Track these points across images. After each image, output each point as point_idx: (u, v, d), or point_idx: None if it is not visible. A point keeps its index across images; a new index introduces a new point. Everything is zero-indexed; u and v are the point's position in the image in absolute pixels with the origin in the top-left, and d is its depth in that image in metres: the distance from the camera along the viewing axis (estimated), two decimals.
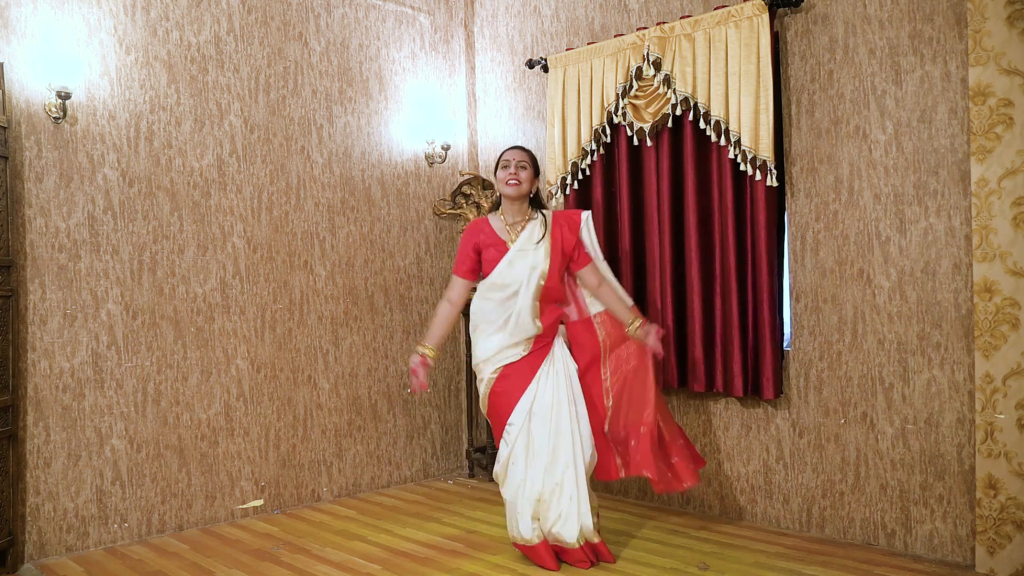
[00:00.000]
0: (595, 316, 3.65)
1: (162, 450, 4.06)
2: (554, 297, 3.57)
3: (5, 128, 3.55)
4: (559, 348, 3.57)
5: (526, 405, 3.46)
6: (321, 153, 4.71)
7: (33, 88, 3.70)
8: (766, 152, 3.74)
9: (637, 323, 3.52)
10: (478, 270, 3.64)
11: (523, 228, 3.59)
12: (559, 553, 3.46)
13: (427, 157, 5.18)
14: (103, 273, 3.90)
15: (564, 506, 3.40)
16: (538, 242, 3.55)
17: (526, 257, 3.53)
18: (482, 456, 5.02)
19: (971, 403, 3.35)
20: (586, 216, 3.68)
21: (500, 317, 3.52)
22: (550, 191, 4.55)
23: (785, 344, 3.93)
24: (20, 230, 3.67)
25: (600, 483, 4.64)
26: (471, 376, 5.11)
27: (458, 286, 3.66)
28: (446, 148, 5.22)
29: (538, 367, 3.50)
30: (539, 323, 3.50)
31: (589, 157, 4.42)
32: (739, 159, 3.85)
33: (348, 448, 4.79)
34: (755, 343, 3.88)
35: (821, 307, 3.79)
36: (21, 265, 3.66)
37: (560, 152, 4.50)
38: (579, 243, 3.62)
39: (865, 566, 3.39)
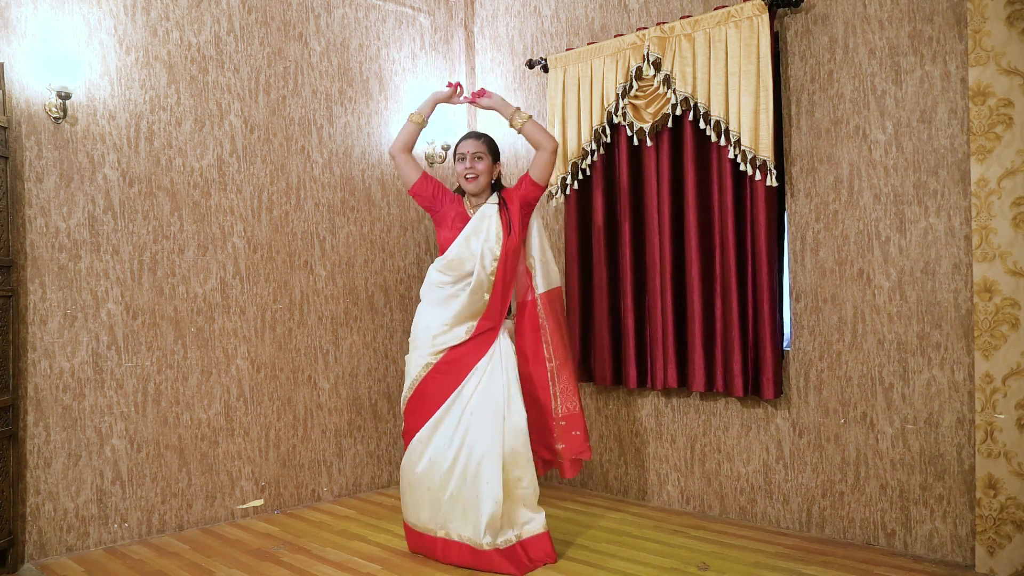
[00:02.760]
0: (539, 297, 3.66)
1: (162, 450, 4.07)
2: (507, 277, 3.56)
3: (5, 128, 3.55)
4: (505, 339, 3.57)
5: (455, 403, 3.48)
6: (321, 153, 4.72)
7: (33, 88, 3.70)
8: (766, 152, 3.74)
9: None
10: (429, 196, 3.65)
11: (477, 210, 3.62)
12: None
13: (427, 157, 5.18)
14: (103, 273, 3.90)
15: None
16: (490, 219, 3.54)
17: (479, 235, 3.53)
18: None
19: (971, 403, 3.36)
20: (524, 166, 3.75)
21: (452, 293, 3.55)
22: (550, 191, 4.55)
23: (785, 344, 3.93)
24: (20, 230, 3.67)
25: (600, 481, 4.65)
26: None
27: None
28: (446, 148, 5.22)
29: (477, 361, 3.50)
30: (486, 298, 3.51)
31: (589, 157, 4.42)
32: (739, 159, 3.85)
33: (348, 448, 4.79)
34: (755, 343, 3.88)
35: (821, 307, 3.79)
36: (21, 265, 3.67)
37: (560, 152, 4.50)
38: (519, 190, 3.60)
39: (865, 566, 3.39)
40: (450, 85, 3.72)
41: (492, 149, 3.66)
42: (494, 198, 3.63)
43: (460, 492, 3.42)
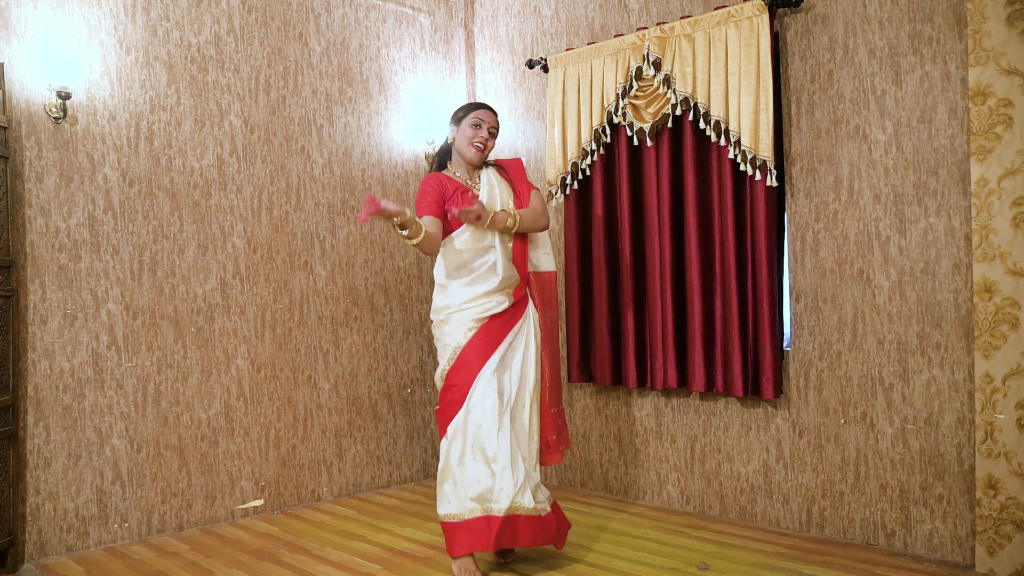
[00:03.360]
0: (530, 275, 3.56)
1: (162, 450, 4.07)
2: (522, 243, 3.47)
3: (5, 128, 3.55)
4: (532, 309, 3.49)
5: (493, 366, 3.32)
6: (321, 153, 4.72)
7: (33, 88, 3.70)
8: (766, 152, 3.74)
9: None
10: (442, 212, 3.35)
11: (479, 178, 3.47)
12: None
13: (427, 157, 5.18)
14: (103, 273, 3.90)
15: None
16: (498, 186, 3.44)
17: (495, 203, 3.40)
18: None
19: (971, 403, 3.36)
20: (523, 161, 3.63)
21: (478, 267, 3.35)
22: (550, 191, 4.55)
23: (785, 344, 3.93)
24: (20, 230, 3.67)
25: (600, 481, 4.65)
26: None
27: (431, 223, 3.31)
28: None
29: (514, 324, 3.39)
30: (515, 271, 3.39)
31: (589, 157, 4.42)
32: (739, 159, 3.85)
33: (348, 448, 4.79)
34: (755, 343, 3.88)
35: (821, 307, 3.79)
36: (21, 265, 3.67)
37: (560, 152, 4.50)
38: (529, 188, 3.55)
39: (865, 566, 3.39)
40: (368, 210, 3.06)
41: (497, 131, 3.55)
42: (490, 170, 3.50)
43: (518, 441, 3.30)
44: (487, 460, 3.26)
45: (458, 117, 3.47)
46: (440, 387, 3.45)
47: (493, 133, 3.46)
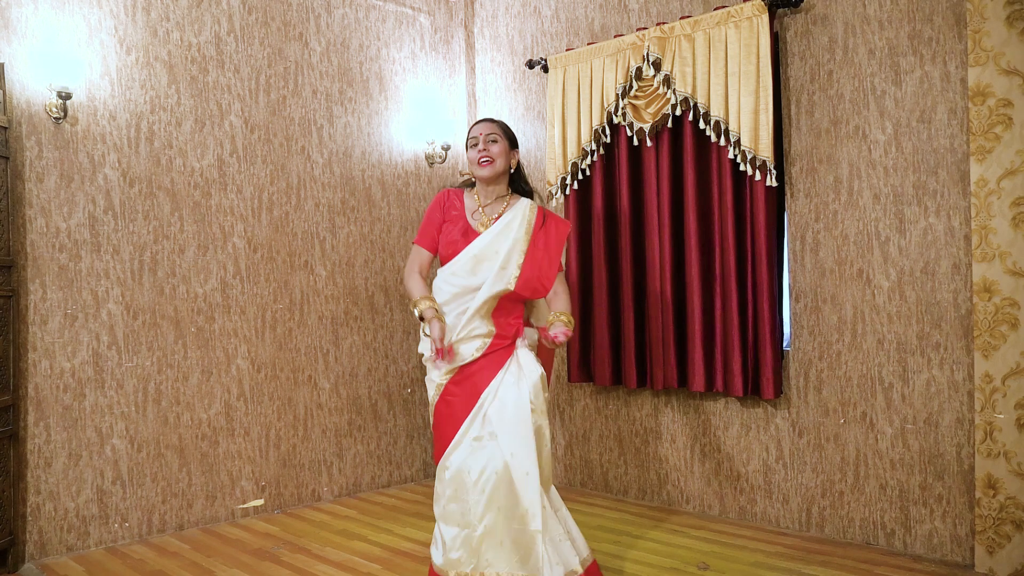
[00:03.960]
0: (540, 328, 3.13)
1: (163, 450, 4.07)
2: (518, 298, 3.08)
3: (6, 128, 3.55)
4: (523, 354, 3.06)
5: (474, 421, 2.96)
6: (321, 153, 4.72)
7: (34, 88, 3.70)
8: (766, 152, 3.74)
9: (565, 317, 3.04)
10: (435, 244, 3.14)
11: (499, 215, 3.08)
12: None
13: (427, 157, 5.19)
14: (104, 273, 3.91)
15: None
16: (515, 231, 3.04)
17: (497, 254, 3.01)
18: None
19: (970, 403, 3.36)
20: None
21: (458, 308, 3.02)
22: (550, 191, 4.55)
23: (785, 344, 3.93)
24: (21, 230, 3.67)
25: (600, 481, 4.65)
26: None
27: (421, 257, 3.11)
28: (446, 148, 5.22)
29: (496, 372, 2.99)
30: (492, 326, 3.02)
31: (589, 157, 4.42)
32: (739, 159, 3.85)
33: (348, 448, 4.79)
34: (755, 343, 3.89)
35: (821, 307, 3.79)
36: (22, 265, 3.67)
37: (560, 152, 4.50)
38: (558, 239, 3.18)
39: (865, 566, 3.39)
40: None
41: (508, 133, 3.14)
42: (524, 210, 3.08)
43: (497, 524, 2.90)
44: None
45: (466, 145, 3.19)
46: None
47: (493, 139, 3.08)
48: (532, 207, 3.13)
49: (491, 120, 3.16)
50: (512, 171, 3.17)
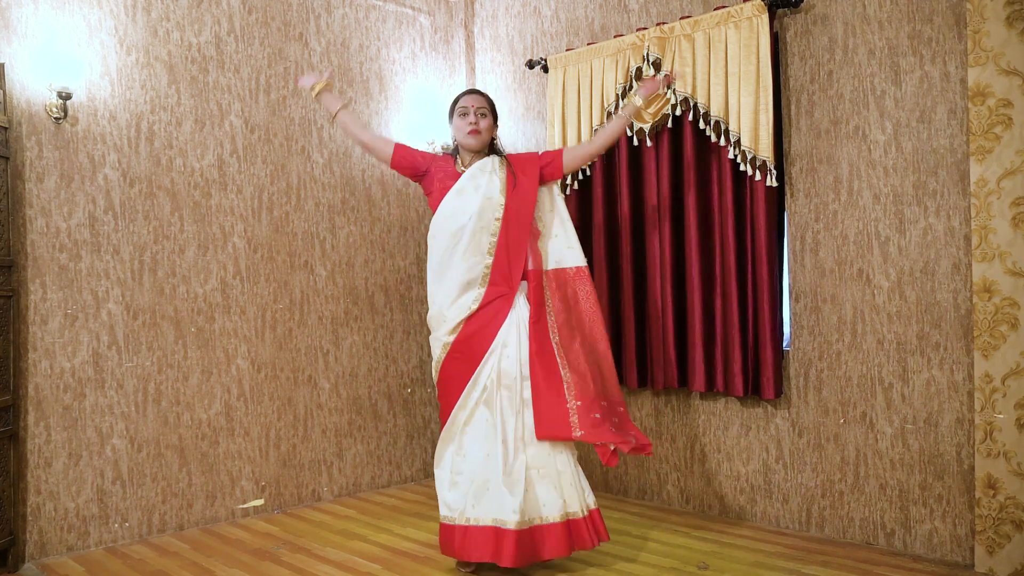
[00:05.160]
0: (547, 272, 3.43)
1: (163, 450, 4.07)
2: (514, 237, 3.31)
3: (6, 128, 3.55)
4: (521, 305, 3.34)
5: (484, 378, 3.26)
6: (321, 153, 4.72)
7: (34, 88, 3.70)
8: (766, 152, 3.74)
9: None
10: (410, 166, 3.43)
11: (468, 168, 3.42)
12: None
13: None
14: (104, 273, 3.91)
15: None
16: (491, 172, 3.34)
17: (478, 187, 3.30)
18: None
19: (970, 403, 3.36)
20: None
21: (448, 257, 3.30)
22: None
23: (785, 344, 3.93)
24: (21, 230, 3.67)
25: (600, 481, 4.65)
26: None
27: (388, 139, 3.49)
28: (446, 148, 5.22)
29: (499, 328, 3.26)
30: (489, 262, 3.27)
31: None
32: (739, 159, 3.85)
33: (348, 448, 4.79)
34: (755, 343, 3.89)
35: (821, 307, 3.79)
36: (22, 265, 3.67)
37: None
38: (542, 159, 3.46)
39: (865, 566, 3.39)
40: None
41: (493, 108, 3.48)
42: (493, 158, 3.43)
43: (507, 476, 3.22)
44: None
45: (450, 113, 3.51)
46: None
47: (483, 113, 3.39)
48: (502, 157, 3.47)
49: (480, 93, 3.48)
50: (492, 141, 3.50)
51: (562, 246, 3.47)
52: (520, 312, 3.34)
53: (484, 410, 3.33)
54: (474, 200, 3.31)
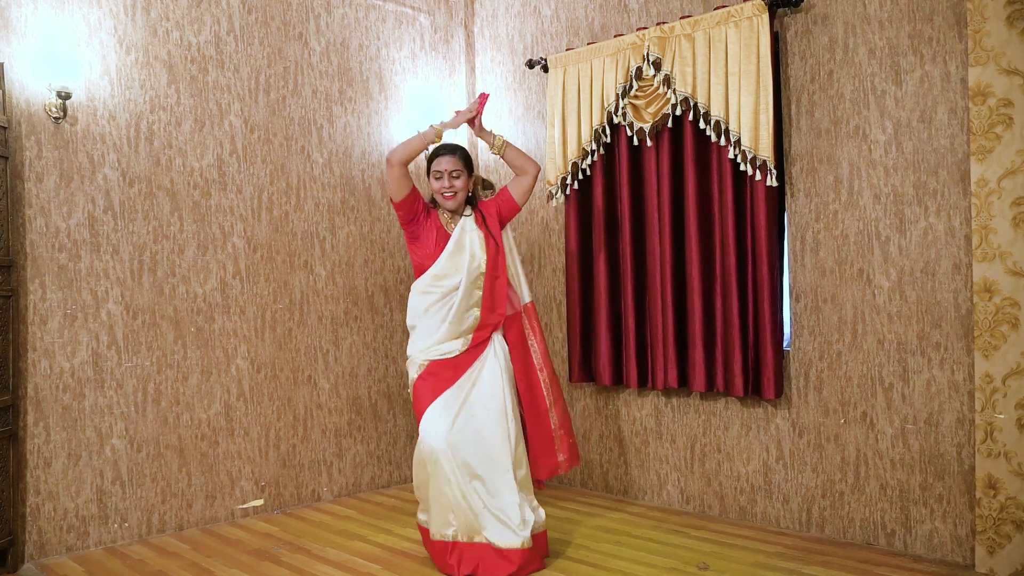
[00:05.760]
0: (523, 307, 3.68)
1: (162, 450, 4.07)
2: (495, 289, 3.53)
3: (5, 128, 3.55)
4: (499, 344, 3.55)
5: (448, 402, 3.41)
6: (321, 153, 4.72)
7: (33, 88, 3.70)
8: (766, 152, 3.74)
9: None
10: (411, 208, 3.53)
11: (456, 224, 3.57)
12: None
13: (428, 158, 5.17)
14: (103, 273, 3.90)
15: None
16: (474, 231, 3.52)
17: (465, 246, 3.49)
18: None
19: (971, 403, 3.36)
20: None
21: (441, 311, 3.49)
22: (550, 191, 4.55)
23: (785, 344, 3.93)
24: (20, 230, 3.67)
25: (600, 481, 4.65)
26: None
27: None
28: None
29: (470, 365, 3.48)
30: (477, 313, 3.48)
31: (589, 157, 4.42)
32: (739, 159, 3.85)
33: (348, 448, 4.79)
34: (755, 343, 3.88)
35: (821, 307, 3.79)
36: (21, 265, 3.67)
37: (560, 152, 4.50)
38: (497, 205, 3.61)
39: (865, 566, 3.39)
40: (481, 98, 3.65)
41: (468, 164, 3.59)
42: (468, 210, 3.59)
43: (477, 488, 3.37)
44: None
45: (427, 170, 3.58)
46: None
47: (456, 175, 3.51)
48: (474, 206, 3.61)
49: (453, 152, 3.55)
50: (470, 194, 3.63)
51: (524, 283, 3.71)
52: (496, 345, 3.54)
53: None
54: (463, 261, 3.49)
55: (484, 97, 3.64)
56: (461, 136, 5.01)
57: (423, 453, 3.38)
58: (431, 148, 3.59)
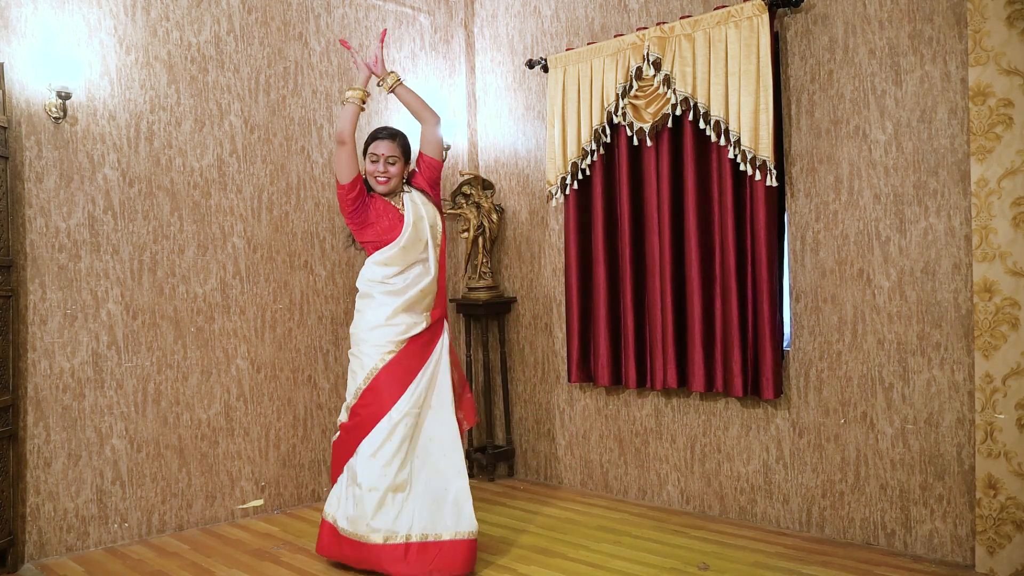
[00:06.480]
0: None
1: (162, 450, 4.07)
2: (442, 263, 3.59)
3: (5, 128, 3.55)
4: (446, 330, 3.62)
5: (414, 396, 3.45)
6: (321, 153, 4.71)
7: (33, 88, 3.70)
8: (766, 152, 3.74)
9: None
10: (357, 178, 3.52)
11: (403, 200, 3.56)
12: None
13: None
14: (103, 273, 3.90)
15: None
16: (423, 203, 3.55)
17: (423, 217, 3.52)
18: (482, 456, 5.03)
19: (971, 403, 3.36)
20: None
21: (400, 283, 3.48)
22: (550, 191, 4.55)
23: (785, 344, 3.93)
24: (20, 230, 3.67)
25: (600, 481, 4.65)
26: (472, 376, 5.11)
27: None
28: (446, 148, 5.21)
29: (430, 353, 3.52)
30: (434, 282, 3.53)
31: (589, 157, 4.42)
32: (739, 159, 3.85)
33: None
34: (755, 343, 3.88)
35: (821, 307, 3.79)
36: (21, 265, 3.67)
37: (560, 152, 4.50)
38: (421, 170, 3.62)
39: (865, 566, 3.39)
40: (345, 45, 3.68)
41: (406, 150, 3.60)
42: (407, 187, 3.60)
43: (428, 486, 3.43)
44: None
45: (363, 150, 3.60)
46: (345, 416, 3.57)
47: (392, 161, 3.52)
48: (414, 192, 3.60)
49: (392, 136, 3.56)
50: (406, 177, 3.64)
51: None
52: (445, 336, 3.61)
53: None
54: (425, 231, 3.51)
55: (383, 33, 3.63)
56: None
57: None
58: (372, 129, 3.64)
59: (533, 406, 5.00)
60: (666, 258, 4.18)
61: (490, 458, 4.98)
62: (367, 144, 3.59)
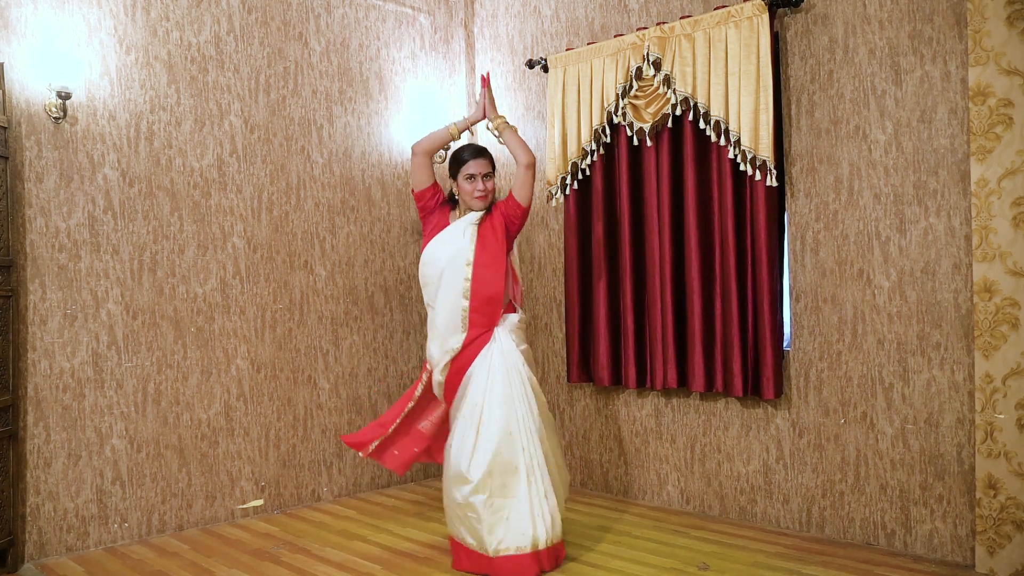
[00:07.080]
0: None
1: (162, 450, 4.07)
2: (487, 284, 3.49)
3: (5, 128, 3.55)
4: (503, 337, 3.50)
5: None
6: (321, 153, 4.72)
7: (33, 88, 3.70)
8: (766, 152, 3.74)
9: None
10: (432, 187, 3.64)
11: (462, 230, 3.57)
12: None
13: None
14: (103, 273, 3.90)
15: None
16: (473, 224, 3.54)
17: (454, 240, 3.52)
18: None
19: (971, 403, 3.35)
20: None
21: (433, 298, 3.56)
22: (550, 191, 4.55)
23: (785, 344, 3.93)
24: (20, 230, 3.67)
25: (600, 481, 4.65)
26: None
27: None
28: (447, 148, 5.20)
29: (469, 367, 3.50)
30: (465, 303, 3.47)
31: (589, 157, 4.42)
32: (739, 159, 3.85)
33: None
34: (755, 343, 3.88)
35: (821, 307, 3.79)
36: (21, 265, 3.67)
37: (560, 152, 4.50)
38: (508, 203, 3.60)
39: (865, 566, 3.39)
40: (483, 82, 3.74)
41: (493, 163, 3.65)
42: (474, 215, 3.61)
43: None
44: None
45: (452, 173, 3.61)
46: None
47: (487, 177, 3.57)
48: (486, 212, 3.60)
49: (483, 154, 3.57)
50: None
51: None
52: (499, 342, 3.49)
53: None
54: (449, 249, 3.51)
55: (484, 80, 3.72)
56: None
57: None
58: (452, 145, 3.70)
59: None
60: (666, 258, 4.18)
61: None
62: (459, 166, 3.56)
